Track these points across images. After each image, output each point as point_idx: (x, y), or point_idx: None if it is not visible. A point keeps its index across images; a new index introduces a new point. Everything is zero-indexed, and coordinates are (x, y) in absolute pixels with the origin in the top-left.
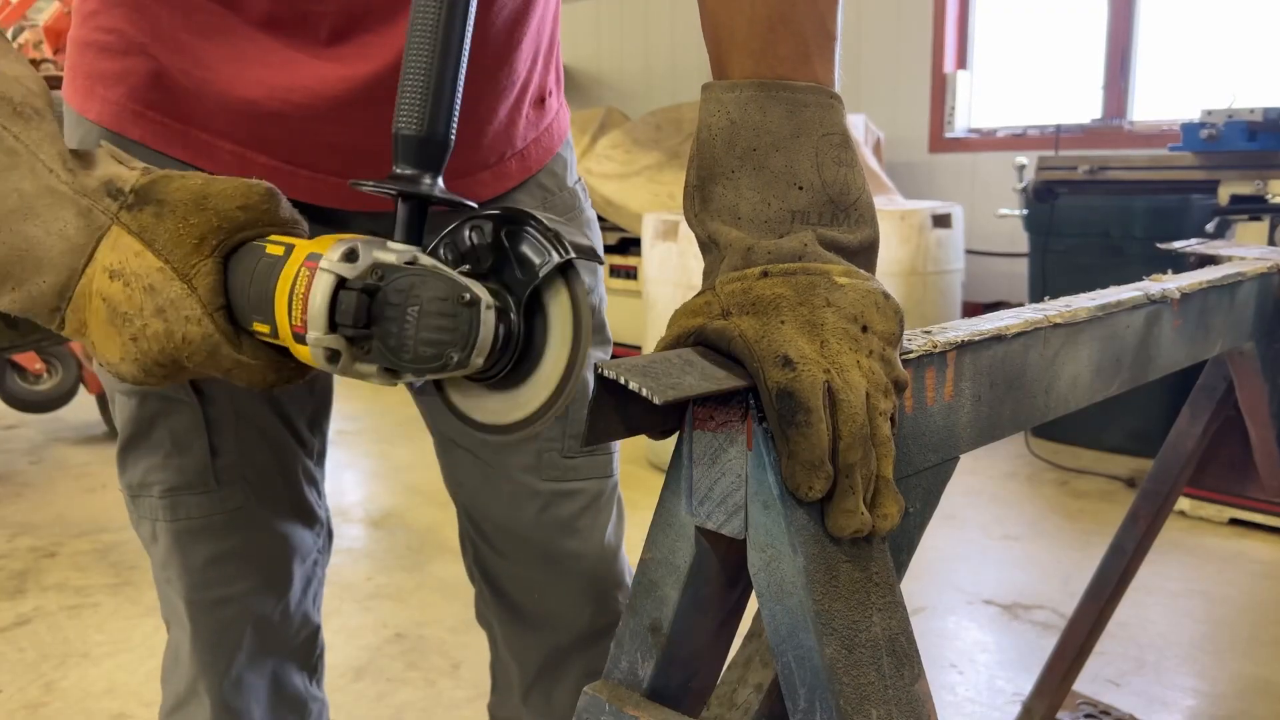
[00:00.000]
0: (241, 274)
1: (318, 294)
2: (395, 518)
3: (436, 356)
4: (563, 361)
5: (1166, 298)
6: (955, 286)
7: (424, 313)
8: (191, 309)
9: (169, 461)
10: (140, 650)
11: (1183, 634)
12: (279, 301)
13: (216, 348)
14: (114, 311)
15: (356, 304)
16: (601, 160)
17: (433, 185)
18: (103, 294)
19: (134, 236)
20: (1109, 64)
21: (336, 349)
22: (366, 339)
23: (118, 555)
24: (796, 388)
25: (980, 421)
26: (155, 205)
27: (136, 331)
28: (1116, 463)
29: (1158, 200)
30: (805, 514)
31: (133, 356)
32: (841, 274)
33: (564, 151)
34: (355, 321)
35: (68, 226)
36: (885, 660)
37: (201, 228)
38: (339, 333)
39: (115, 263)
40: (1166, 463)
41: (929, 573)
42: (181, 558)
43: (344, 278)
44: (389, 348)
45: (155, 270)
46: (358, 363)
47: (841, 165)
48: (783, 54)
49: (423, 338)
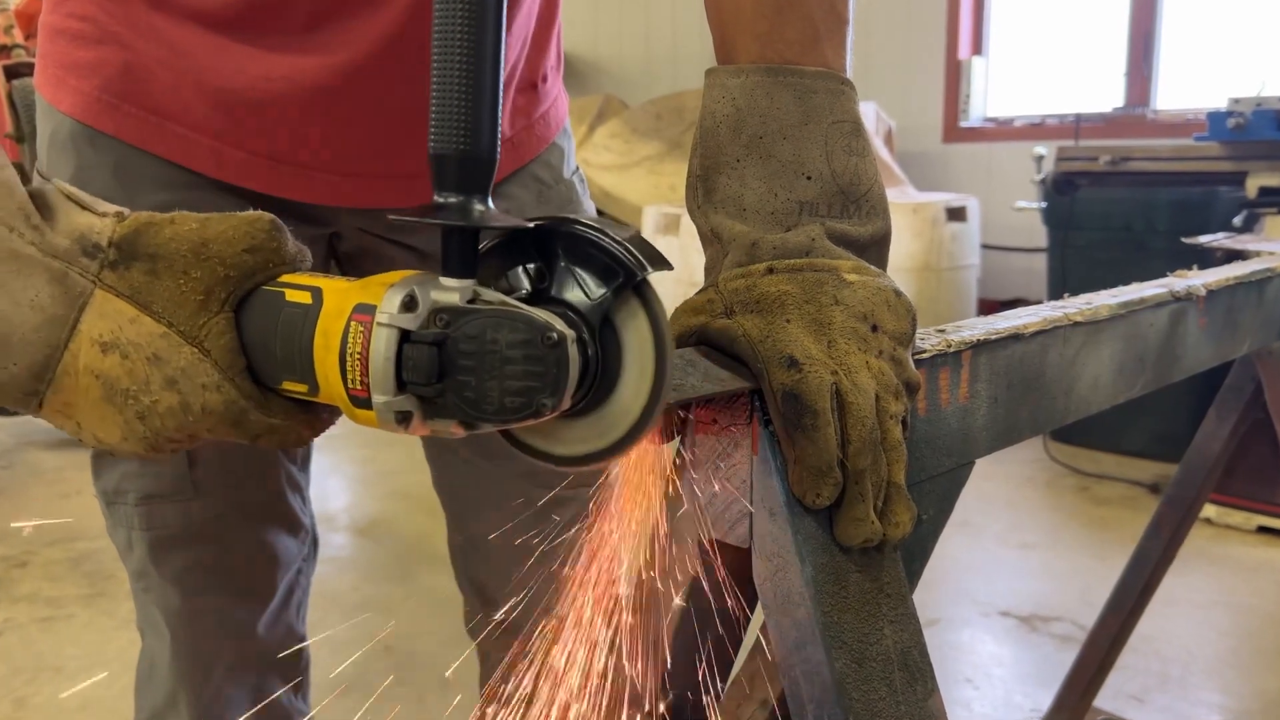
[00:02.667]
0: (261, 327)
1: (379, 353)
2: (383, 526)
3: (526, 405)
4: (647, 383)
5: (1192, 295)
6: (970, 283)
7: (505, 359)
8: (208, 375)
9: (145, 468)
10: (115, 665)
11: (1208, 647)
12: (323, 360)
13: (243, 415)
14: (112, 389)
15: (428, 360)
16: (599, 150)
17: (485, 212)
18: (95, 370)
19: (126, 300)
20: (1131, 49)
21: (408, 410)
22: (439, 395)
23: (92, 564)
24: (803, 390)
25: (997, 424)
26: (146, 261)
27: (144, 409)
28: (1139, 467)
29: (1182, 192)
30: (813, 522)
31: (139, 435)
32: (850, 270)
33: (560, 140)
34: (428, 379)
35: (40, 296)
36: (897, 675)
37: (206, 281)
38: (409, 392)
39: (106, 333)
40: (1192, 467)
41: (943, 583)
42: (158, 567)
43: (407, 330)
44: (466, 402)
45: (158, 337)
46: (430, 420)
47: (852, 154)
48: (791, 37)
49: (509, 387)
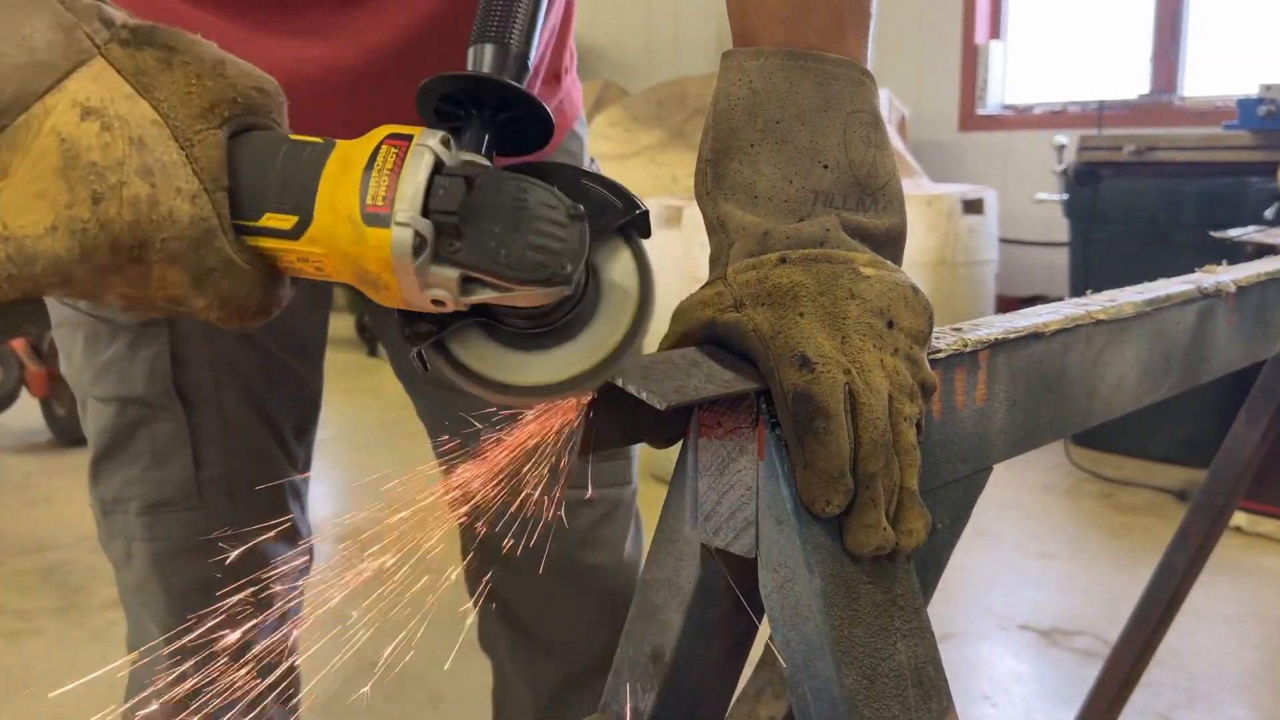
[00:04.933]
0: (256, 158)
1: (415, 170)
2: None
3: (543, 265)
4: (623, 324)
5: (1221, 291)
6: (988, 279)
7: (534, 217)
8: (188, 180)
9: (149, 474)
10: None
11: (1239, 662)
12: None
13: (206, 237)
14: (74, 159)
15: (459, 191)
16: (597, 140)
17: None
18: (62, 133)
19: (127, 78)
20: (1158, 33)
21: (424, 238)
22: (457, 235)
23: (62, 576)
24: (815, 390)
25: (1015, 428)
26: (163, 50)
27: (106, 189)
28: (1166, 473)
29: (1211, 183)
30: (822, 530)
31: (76, 225)
32: (867, 264)
33: (579, 129)
34: (454, 210)
35: (36, 36)
36: (911, 692)
37: (214, 93)
38: (433, 218)
39: (95, 99)
40: (1221, 473)
41: (959, 595)
42: (162, 580)
43: (442, 161)
44: (485, 249)
45: (149, 123)
46: (437, 262)
47: (870, 145)
48: (817, 24)
49: (533, 242)
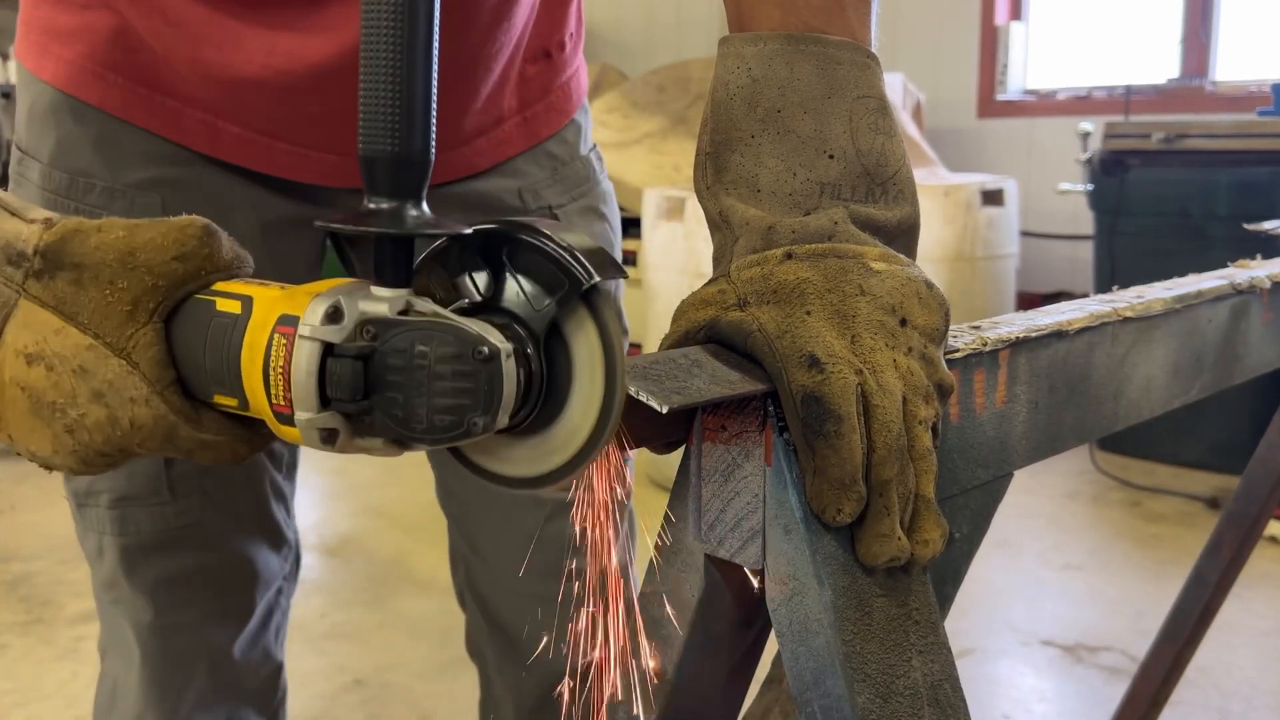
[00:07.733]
0: (191, 338)
1: (301, 368)
2: (354, 545)
3: (456, 424)
4: (596, 403)
5: (1255, 287)
6: (1008, 274)
7: (434, 375)
8: (136, 389)
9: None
10: (56, 699)
11: (1274, 680)
12: (249, 374)
13: (173, 430)
14: (39, 402)
15: (352, 375)
16: (595, 126)
17: (419, 218)
18: (20, 382)
19: (51, 311)
20: (1188, 14)
21: (333, 428)
22: (366, 412)
23: (28, 588)
24: (825, 392)
25: (1037, 432)
26: (71, 271)
27: (72, 423)
28: (1196, 480)
29: (1245, 173)
30: (833, 540)
31: (69, 449)
32: (878, 258)
33: (579, 117)
34: (353, 395)
35: None
36: (926, 711)
37: (133, 291)
38: (334, 409)
39: (30, 344)
40: (1255, 480)
41: (978, 609)
42: (130, 577)
43: (330, 344)
44: (394, 419)
45: (84, 349)
46: (358, 438)
47: (879, 133)
48: (815, 3)
49: (436, 404)
